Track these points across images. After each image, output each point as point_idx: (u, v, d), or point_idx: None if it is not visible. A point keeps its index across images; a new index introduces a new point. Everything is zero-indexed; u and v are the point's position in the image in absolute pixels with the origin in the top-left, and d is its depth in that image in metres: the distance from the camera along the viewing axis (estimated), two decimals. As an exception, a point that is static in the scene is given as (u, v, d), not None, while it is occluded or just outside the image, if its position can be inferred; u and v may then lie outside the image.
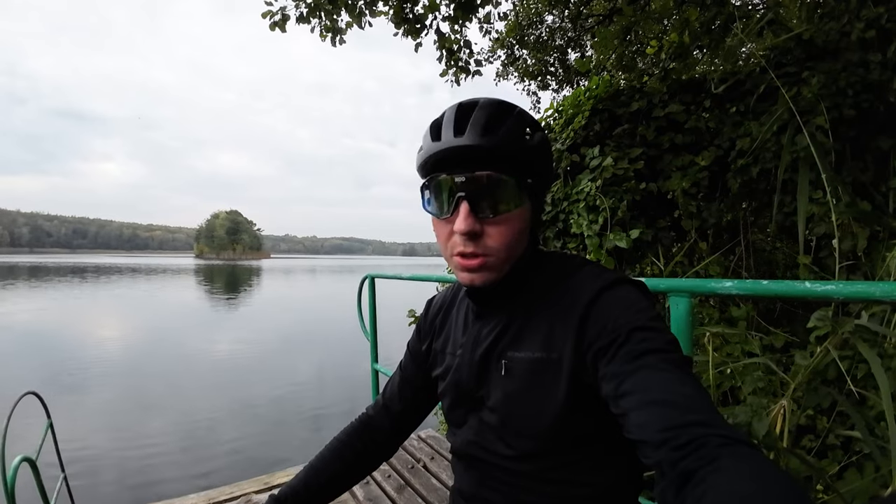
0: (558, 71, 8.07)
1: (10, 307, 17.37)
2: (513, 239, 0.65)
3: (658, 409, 0.48)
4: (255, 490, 2.36)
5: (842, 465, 1.95)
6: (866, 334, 1.00)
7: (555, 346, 0.63)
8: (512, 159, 0.62)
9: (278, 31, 3.97)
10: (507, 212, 0.63)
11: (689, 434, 0.44)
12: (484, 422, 0.71)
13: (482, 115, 0.62)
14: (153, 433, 5.76)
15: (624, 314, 0.58)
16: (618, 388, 0.53)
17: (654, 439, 0.46)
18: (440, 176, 0.64)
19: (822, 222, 2.27)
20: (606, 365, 0.56)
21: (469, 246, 0.63)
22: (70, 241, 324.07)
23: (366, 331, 2.78)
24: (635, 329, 0.56)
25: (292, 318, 17.31)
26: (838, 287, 0.79)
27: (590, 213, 3.12)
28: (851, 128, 2.44)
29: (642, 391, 0.50)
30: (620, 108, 3.33)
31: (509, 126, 0.62)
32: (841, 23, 2.54)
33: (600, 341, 0.58)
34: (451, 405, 0.78)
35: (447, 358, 0.79)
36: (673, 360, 0.53)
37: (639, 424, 0.49)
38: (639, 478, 0.71)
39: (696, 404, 0.47)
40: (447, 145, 0.63)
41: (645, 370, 0.52)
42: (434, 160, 0.65)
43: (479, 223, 0.63)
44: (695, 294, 0.93)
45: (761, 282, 0.84)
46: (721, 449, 0.41)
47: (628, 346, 0.55)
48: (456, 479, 0.81)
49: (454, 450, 0.79)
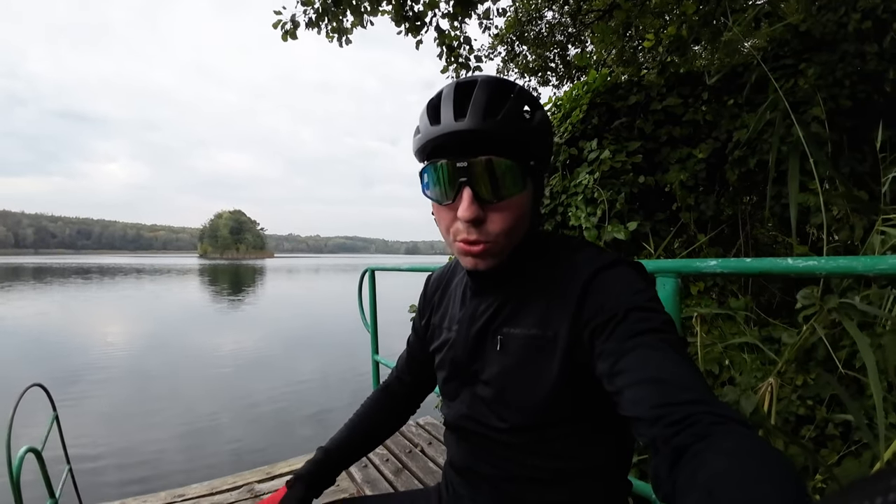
0: (559, 67, 8.07)
1: (15, 311, 17.45)
2: (515, 223, 0.64)
3: (653, 386, 0.48)
4: (258, 480, 2.38)
5: (841, 455, 1.96)
6: (854, 313, 1.01)
7: (551, 324, 0.63)
8: (513, 142, 0.61)
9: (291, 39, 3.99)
10: (509, 196, 0.62)
11: (682, 411, 0.45)
12: (477, 395, 0.72)
13: (482, 96, 0.60)
14: (160, 426, 5.82)
15: (622, 293, 0.58)
16: (613, 365, 0.53)
17: (648, 416, 0.47)
18: (440, 161, 0.63)
19: (819, 213, 2.28)
20: (603, 343, 0.56)
21: (472, 233, 0.62)
22: (74, 242, 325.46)
23: (366, 323, 2.81)
24: (633, 308, 0.56)
25: (296, 316, 17.35)
26: (821, 262, 0.80)
27: (588, 206, 3.14)
28: (849, 118, 2.44)
29: (638, 369, 0.51)
30: (618, 101, 3.34)
31: (510, 107, 0.60)
32: (838, 14, 2.54)
33: (597, 319, 0.58)
34: (445, 378, 0.79)
35: (443, 332, 0.80)
36: (669, 341, 0.53)
37: (633, 401, 0.49)
38: (628, 456, 0.72)
39: (691, 383, 0.48)
40: (447, 130, 0.60)
41: (641, 349, 0.52)
42: (433, 145, 0.63)
43: (482, 209, 0.62)
44: (680, 274, 0.95)
45: (745, 260, 0.85)
46: (714, 426, 0.42)
47: (625, 325, 0.55)
48: (448, 452, 0.83)
49: (447, 422, 0.81)
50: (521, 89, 0.64)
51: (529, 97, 0.65)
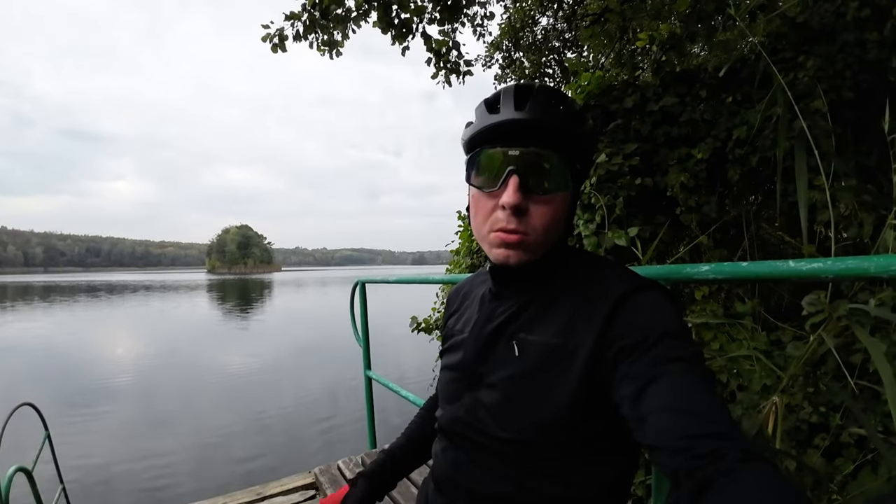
0: (556, 72, 8.04)
1: (21, 330, 17.54)
2: (555, 221, 0.65)
3: (679, 416, 0.48)
4: (248, 501, 2.30)
5: (857, 464, 1.84)
6: (866, 319, 0.92)
7: (573, 336, 0.61)
8: (566, 140, 0.63)
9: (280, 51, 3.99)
10: (554, 192, 0.63)
11: (709, 445, 0.44)
12: (479, 400, 0.68)
13: (542, 95, 0.63)
14: (170, 444, 5.79)
15: (656, 317, 0.58)
16: (639, 390, 0.52)
17: (672, 446, 0.46)
18: (491, 148, 0.64)
19: (826, 209, 2.18)
20: (629, 365, 0.55)
21: (513, 222, 0.63)
22: (84, 260, 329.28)
23: (359, 338, 2.73)
24: (666, 334, 0.55)
25: (304, 329, 17.44)
26: (827, 265, 0.70)
27: (585, 212, 3.05)
28: (852, 110, 2.35)
29: (666, 397, 0.50)
30: (613, 103, 3.25)
31: (567, 107, 0.64)
32: (836, 4, 2.46)
33: (626, 340, 0.57)
34: (449, 380, 0.77)
35: (456, 334, 0.79)
36: (698, 372, 0.52)
37: (658, 430, 0.49)
38: (627, 486, 0.67)
39: (718, 417, 0.48)
40: (507, 117, 0.62)
41: (670, 376, 0.51)
42: (489, 132, 0.65)
43: (526, 200, 0.62)
44: (669, 281, 0.86)
45: (740, 264, 0.76)
46: (740, 463, 0.42)
47: (656, 350, 0.54)
48: (432, 463, 0.78)
49: (440, 426, 0.77)
50: (573, 100, 0.67)
51: (580, 108, 0.68)
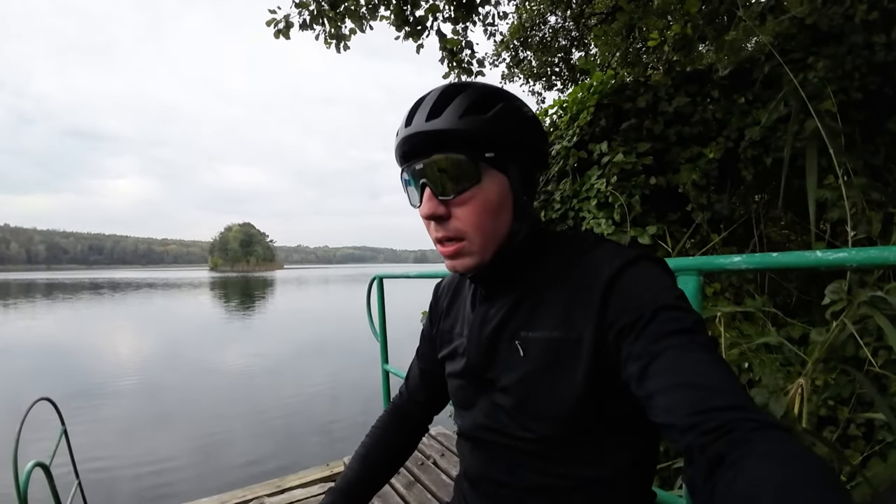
0: (563, 71, 8.08)
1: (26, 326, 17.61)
2: (482, 218, 0.62)
3: (687, 391, 0.46)
4: (268, 493, 2.36)
5: (864, 455, 1.90)
6: (885, 307, 0.97)
7: (574, 325, 0.60)
8: (461, 137, 0.60)
9: (283, 41, 4.00)
10: (465, 190, 0.61)
11: (719, 418, 0.43)
12: (496, 404, 0.68)
13: (429, 101, 0.62)
14: (172, 439, 5.83)
15: (648, 292, 0.55)
16: (643, 369, 0.51)
17: (683, 423, 0.45)
18: (404, 167, 0.66)
19: (836, 207, 2.24)
20: (630, 345, 0.53)
21: (439, 230, 0.63)
22: (86, 258, 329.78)
23: (376, 332, 2.78)
24: (661, 308, 0.53)
25: (307, 326, 17.47)
26: (851, 254, 0.77)
27: (602, 210, 3.09)
28: (860, 111, 2.41)
29: (670, 373, 0.48)
30: (626, 102, 3.31)
31: (456, 105, 0.60)
32: (844, 6, 2.52)
33: (623, 320, 0.55)
34: (459, 387, 0.76)
35: (454, 339, 0.78)
36: (700, 342, 0.51)
37: (666, 408, 0.47)
38: (652, 464, 0.69)
39: (727, 387, 0.46)
40: (400, 137, 0.64)
41: (672, 351, 0.50)
42: (398, 154, 0.66)
43: (443, 206, 0.62)
44: (703, 272, 0.92)
45: (771, 254, 0.83)
46: (753, 433, 0.40)
47: (653, 326, 0.52)
48: (462, 463, 0.79)
49: (462, 432, 0.77)
50: (478, 86, 0.64)
51: (485, 91, 0.63)
